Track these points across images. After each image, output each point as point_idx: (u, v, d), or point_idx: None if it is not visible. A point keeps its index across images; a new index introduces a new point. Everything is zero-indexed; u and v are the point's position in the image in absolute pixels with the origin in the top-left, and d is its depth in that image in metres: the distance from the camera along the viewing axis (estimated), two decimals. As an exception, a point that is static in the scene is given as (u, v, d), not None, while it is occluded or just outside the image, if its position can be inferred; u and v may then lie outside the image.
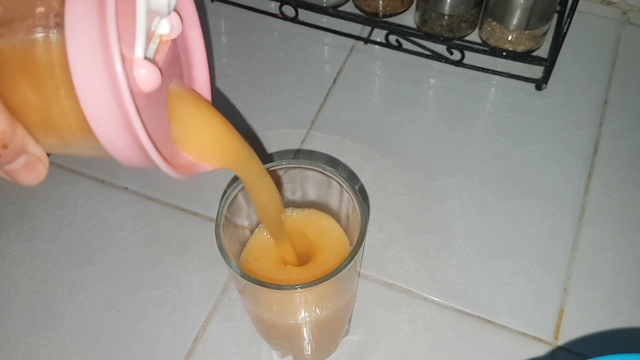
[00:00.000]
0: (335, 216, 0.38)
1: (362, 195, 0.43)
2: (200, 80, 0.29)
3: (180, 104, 0.26)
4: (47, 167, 0.23)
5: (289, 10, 0.61)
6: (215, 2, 0.64)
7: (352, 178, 0.51)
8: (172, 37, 0.24)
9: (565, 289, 0.44)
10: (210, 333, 0.43)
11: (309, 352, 0.41)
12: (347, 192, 0.35)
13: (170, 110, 0.25)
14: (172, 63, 0.25)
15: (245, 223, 0.37)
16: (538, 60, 0.56)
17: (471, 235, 0.47)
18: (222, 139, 0.27)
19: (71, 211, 0.50)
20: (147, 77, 0.21)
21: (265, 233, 0.37)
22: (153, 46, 0.23)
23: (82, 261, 0.47)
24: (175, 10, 0.24)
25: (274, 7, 0.63)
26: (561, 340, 0.42)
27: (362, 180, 0.51)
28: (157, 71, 0.21)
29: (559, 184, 0.50)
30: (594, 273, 0.45)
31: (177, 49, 0.26)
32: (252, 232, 0.38)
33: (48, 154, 0.23)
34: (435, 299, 0.44)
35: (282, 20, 0.62)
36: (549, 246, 0.46)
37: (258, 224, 0.38)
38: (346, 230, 0.37)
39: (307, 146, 0.53)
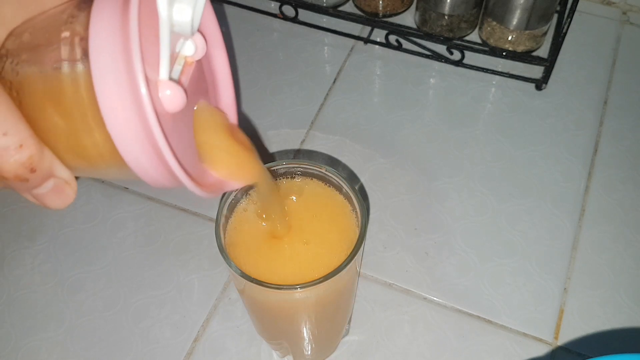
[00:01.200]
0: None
1: (362, 195, 0.43)
2: (225, 99, 0.29)
3: (206, 125, 0.26)
4: (76, 191, 0.23)
5: (289, 10, 0.61)
6: (215, 2, 0.64)
7: (352, 178, 0.51)
8: (197, 58, 0.25)
9: (565, 289, 0.44)
10: (210, 333, 0.43)
11: (309, 352, 0.41)
12: (347, 192, 0.35)
13: (197, 131, 0.25)
14: (198, 83, 0.25)
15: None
16: (538, 60, 0.56)
17: (471, 235, 0.47)
18: (246, 161, 0.28)
19: (71, 211, 0.50)
20: (172, 98, 0.21)
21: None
22: (178, 67, 0.23)
23: (82, 261, 0.47)
24: (199, 30, 0.24)
25: (274, 7, 0.63)
26: (561, 340, 0.42)
27: (362, 180, 0.51)
28: (182, 92, 0.22)
29: (559, 184, 0.50)
30: (594, 273, 0.45)
31: (202, 68, 0.26)
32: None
33: (76, 177, 0.23)
34: (435, 299, 0.44)
35: (282, 20, 0.62)
36: (549, 246, 0.46)
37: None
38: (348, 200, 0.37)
39: (307, 146, 0.53)
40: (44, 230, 0.49)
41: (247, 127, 0.54)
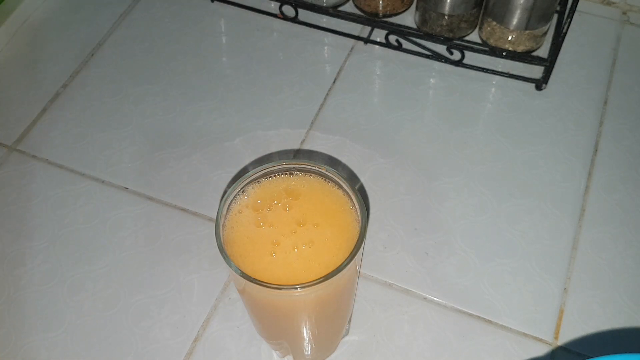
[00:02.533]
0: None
1: (362, 195, 0.43)
2: None
3: None
4: None
5: (289, 10, 0.61)
6: (216, 2, 0.64)
7: (352, 178, 0.51)
8: None
9: (565, 289, 0.44)
10: (210, 333, 0.43)
11: (309, 352, 0.41)
12: (347, 192, 0.35)
13: None
14: None
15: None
16: (538, 60, 0.56)
17: (471, 235, 0.47)
18: None
19: (71, 211, 0.50)
20: None
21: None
22: None
23: (82, 261, 0.47)
24: None
25: (274, 7, 0.63)
26: (561, 340, 0.42)
27: (362, 180, 0.51)
28: None
29: (559, 184, 0.50)
30: (594, 273, 0.45)
31: None
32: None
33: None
34: (435, 299, 0.44)
35: (282, 20, 0.62)
36: (549, 246, 0.46)
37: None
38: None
39: (307, 146, 0.53)
40: (44, 230, 0.49)
41: (246, 127, 0.54)
